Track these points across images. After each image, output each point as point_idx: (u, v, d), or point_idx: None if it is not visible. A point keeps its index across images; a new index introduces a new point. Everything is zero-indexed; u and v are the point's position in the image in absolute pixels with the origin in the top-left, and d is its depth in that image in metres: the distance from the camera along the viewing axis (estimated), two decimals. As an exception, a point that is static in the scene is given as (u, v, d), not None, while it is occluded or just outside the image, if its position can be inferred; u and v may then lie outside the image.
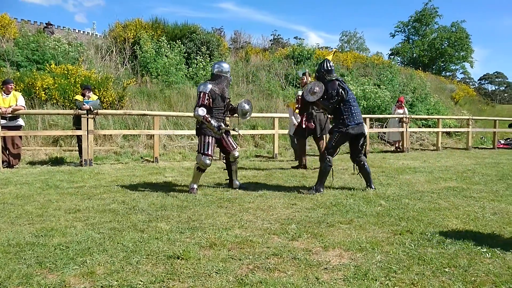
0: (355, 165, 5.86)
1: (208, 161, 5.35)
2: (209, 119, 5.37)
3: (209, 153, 5.36)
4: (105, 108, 10.73)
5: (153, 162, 8.98)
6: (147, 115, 10.25)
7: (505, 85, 74.82)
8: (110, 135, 10.55)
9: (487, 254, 3.00)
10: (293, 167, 8.23)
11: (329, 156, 5.58)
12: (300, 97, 9.38)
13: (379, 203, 4.78)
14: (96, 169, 7.69)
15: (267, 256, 2.95)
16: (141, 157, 9.83)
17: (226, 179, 5.99)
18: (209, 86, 5.43)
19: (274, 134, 10.44)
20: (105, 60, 14.56)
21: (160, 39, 14.87)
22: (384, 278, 2.56)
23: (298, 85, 16.66)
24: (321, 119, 7.76)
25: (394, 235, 3.48)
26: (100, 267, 2.73)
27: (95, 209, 4.41)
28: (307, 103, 6.71)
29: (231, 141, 5.76)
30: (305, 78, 7.94)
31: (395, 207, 4.56)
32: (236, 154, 5.78)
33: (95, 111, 8.41)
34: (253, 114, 12.17)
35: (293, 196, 5.22)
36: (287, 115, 12.33)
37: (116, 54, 14.84)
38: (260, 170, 7.79)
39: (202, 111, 5.31)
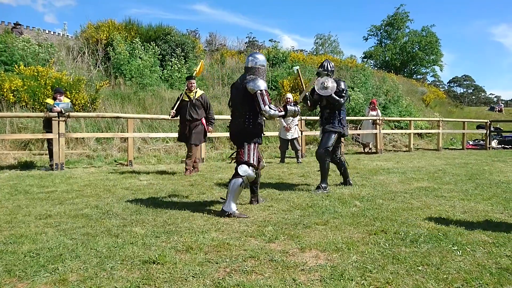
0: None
1: (253, 174, 4.48)
2: (286, 108, 4.65)
3: (256, 164, 4.53)
4: (77, 111, 10.48)
5: (127, 165, 8.83)
6: (120, 117, 10.09)
7: (472, 88, 77.43)
8: (83, 138, 10.32)
9: (458, 252, 3.08)
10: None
11: (327, 154, 5.85)
12: (289, 99, 9.53)
13: (354, 203, 4.85)
14: (68, 173, 7.49)
15: (244, 259, 2.94)
16: (115, 161, 9.65)
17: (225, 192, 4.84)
18: (264, 82, 4.52)
19: (250, 136, 10.43)
20: (76, 61, 14.23)
21: (134, 41, 14.65)
22: (360, 278, 2.59)
23: (273, 87, 16.73)
24: (198, 127, 7.45)
25: (369, 235, 3.53)
26: (73, 274, 2.66)
27: (67, 215, 4.29)
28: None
29: None
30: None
31: (370, 208, 4.63)
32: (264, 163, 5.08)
33: (67, 113, 8.21)
34: (228, 117, 12.23)
35: (269, 198, 5.23)
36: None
37: (89, 56, 14.53)
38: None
39: (274, 109, 4.44)
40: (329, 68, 5.89)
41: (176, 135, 10.73)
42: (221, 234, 3.58)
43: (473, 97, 73.64)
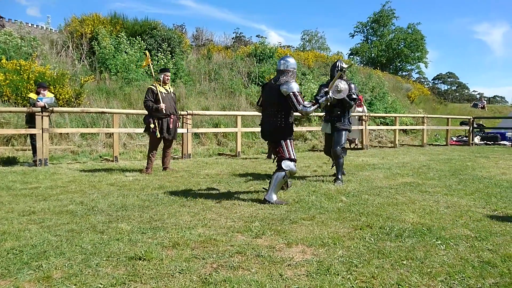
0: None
1: (295, 169, 4.86)
2: (318, 102, 4.90)
3: (295, 158, 4.89)
4: (61, 106, 10.31)
5: (112, 161, 8.73)
6: (105, 113, 9.95)
7: (456, 85, 78.58)
8: (67, 133, 10.17)
9: (442, 246, 3.14)
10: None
11: (342, 151, 6.23)
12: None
13: (340, 199, 4.89)
14: (52, 169, 7.38)
15: (231, 254, 2.94)
16: (100, 156, 9.54)
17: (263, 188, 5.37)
18: (296, 84, 4.78)
19: (236, 132, 10.44)
20: (60, 55, 13.98)
21: (119, 35, 14.45)
22: (345, 272, 2.62)
23: (260, 83, 16.72)
24: (176, 121, 7.45)
25: (354, 230, 3.57)
26: (57, 271, 2.62)
27: (51, 211, 4.23)
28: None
29: None
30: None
31: (356, 203, 4.68)
32: None
33: (50, 108, 8.07)
34: (215, 112, 12.22)
35: (256, 193, 5.24)
36: (249, 113, 12.37)
37: (73, 50, 14.29)
38: (223, 168, 7.76)
39: (308, 106, 4.72)
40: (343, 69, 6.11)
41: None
42: (207, 230, 3.57)
43: (457, 94, 74.76)
